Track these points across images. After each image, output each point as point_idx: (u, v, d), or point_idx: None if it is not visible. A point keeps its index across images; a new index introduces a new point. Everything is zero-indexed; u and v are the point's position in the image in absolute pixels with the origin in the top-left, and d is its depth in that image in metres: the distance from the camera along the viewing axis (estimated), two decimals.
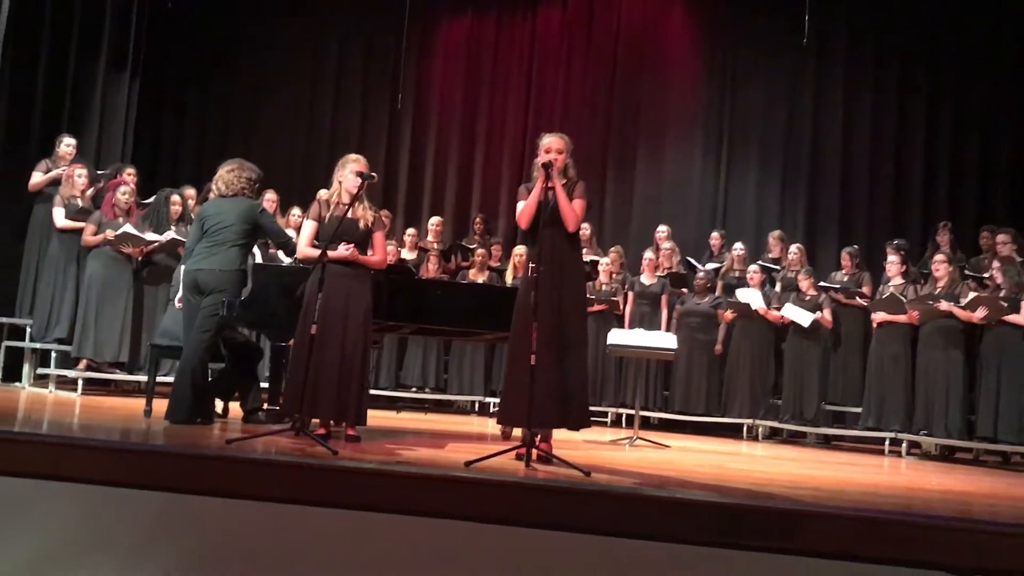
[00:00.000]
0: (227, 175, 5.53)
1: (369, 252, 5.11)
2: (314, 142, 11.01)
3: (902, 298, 7.49)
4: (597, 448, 6.11)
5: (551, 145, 4.77)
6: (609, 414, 8.66)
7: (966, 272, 7.76)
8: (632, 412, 7.43)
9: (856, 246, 8.65)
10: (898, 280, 7.80)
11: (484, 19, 11.13)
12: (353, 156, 5.21)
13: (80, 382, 7.34)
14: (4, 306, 7.87)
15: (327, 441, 4.56)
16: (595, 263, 8.87)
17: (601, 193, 10.45)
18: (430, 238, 9.39)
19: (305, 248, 5.05)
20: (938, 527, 3.36)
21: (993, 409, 6.82)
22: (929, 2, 9.76)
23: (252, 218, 5.42)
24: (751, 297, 8.21)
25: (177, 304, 5.92)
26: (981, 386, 6.98)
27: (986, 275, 7.49)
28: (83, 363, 7.48)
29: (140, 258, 7.64)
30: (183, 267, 5.54)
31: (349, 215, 5.01)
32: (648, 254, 8.86)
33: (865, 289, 8.17)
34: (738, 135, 10.34)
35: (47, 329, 7.65)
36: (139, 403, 6.04)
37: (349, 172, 5.06)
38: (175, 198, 7.73)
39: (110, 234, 7.43)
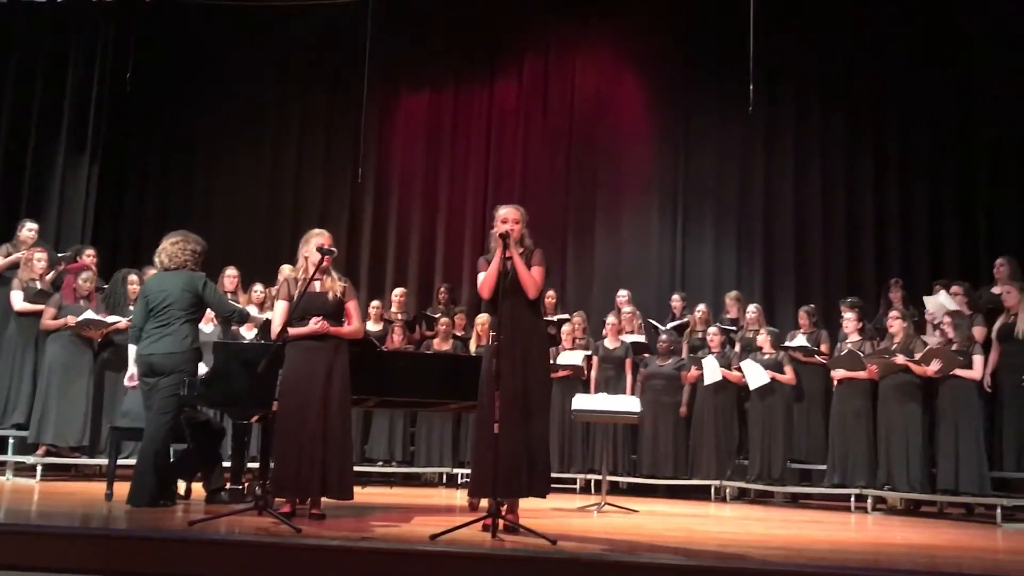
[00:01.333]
0: (171, 247, 5.50)
1: (344, 322, 5.13)
2: (276, 218, 11.06)
3: (860, 354, 7.61)
4: (565, 516, 6.08)
5: (507, 216, 4.86)
6: (578, 480, 8.63)
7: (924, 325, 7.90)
8: (600, 478, 7.42)
9: (813, 305, 8.80)
10: (855, 337, 7.91)
11: (442, 93, 11.34)
12: (316, 231, 5.26)
13: (39, 468, 7.21)
14: None
15: (291, 519, 4.52)
16: (562, 322, 8.94)
17: (562, 260, 10.58)
18: (394, 309, 9.41)
19: (278, 328, 5.05)
20: None
21: (953, 461, 6.88)
22: (872, 68, 10.11)
23: (195, 290, 5.40)
24: (709, 372, 8.29)
25: (127, 383, 5.85)
26: (939, 439, 7.06)
27: (936, 329, 7.64)
28: (42, 449, 7.36)
29: (99, 340, 7.59)
30: (133, 347, 5.46)
31: (318, 288, 5.04)
32: (610, 318, 8.93)
33: (823, 347, 8.29)
34: (693, 199, 10.55)
35: (4, 415, 7.53)
36: (100, 487, 5.95)
37: (313, 246, 5.10)
38: (132, 278, 7.71)
39: (71, 320, 7.39)
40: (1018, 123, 9.46)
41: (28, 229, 8.05)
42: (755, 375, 8.10)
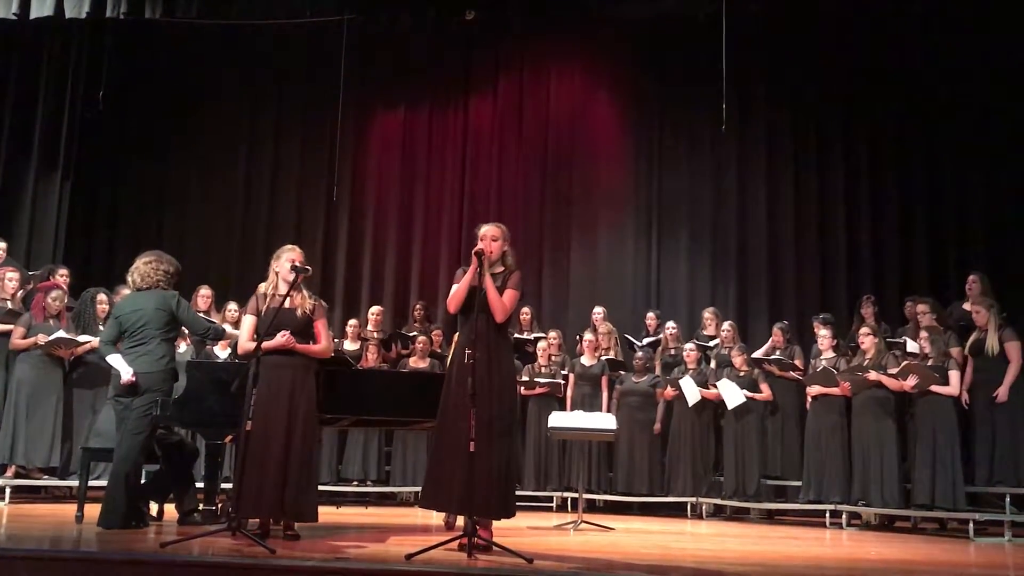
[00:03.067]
0: (144, 267, 5.46)
1: (311, 341, 5.10)
2: (250, 237, 10.99)
3: (834, 371, 7.67)
4: (542, 534, 6.07)
5: (487, 233, 4.86)
6: (554, 498, 8.61)
7: (889, 342, 7.97)
8: (576, 495, 7.41)
9: (786, 321, 8.87)
10: (829, 353, 7.97)
11: (417, 112, 11.35)
12: (289, 247, 5.22)
13: (8, 490, 7.10)
14: None
15: (265, 540, 4.48)
16: (538, 339, 8.93)
17: (538, 277, 10.60)
18: (370, 327, 9.37)
19: (245, 343, 5.01)
20: None
21: (930, 477, 6.92)
22: (841, 87, 10.25)
23: (169, 309, 5.35)
24: (690, 393, 8.32)
25: (126, 379, 5.67)
26: (916, 455, 7.11)
27: (904, 342, 7.72)
28: (11, 470, 7.25)
29: (70, 359, 7.50)
30: (115, 356, 5.33)
31: (287, 305, 5.01)
32: (587, 335, 8.95)
33: (797, 362, 8.35)
34: (667, 216, 10.61)
35: None
36: (70, 509, 5.86)
37: (285, 262, 5.07)
38: (101, 297, 7.61)
39: (41, 339, 7.30)
40: (984, 141, 9.63)
41: None
42: (732, 394, 8.12)
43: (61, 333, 7.32)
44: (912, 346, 7.67)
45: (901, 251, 9.94)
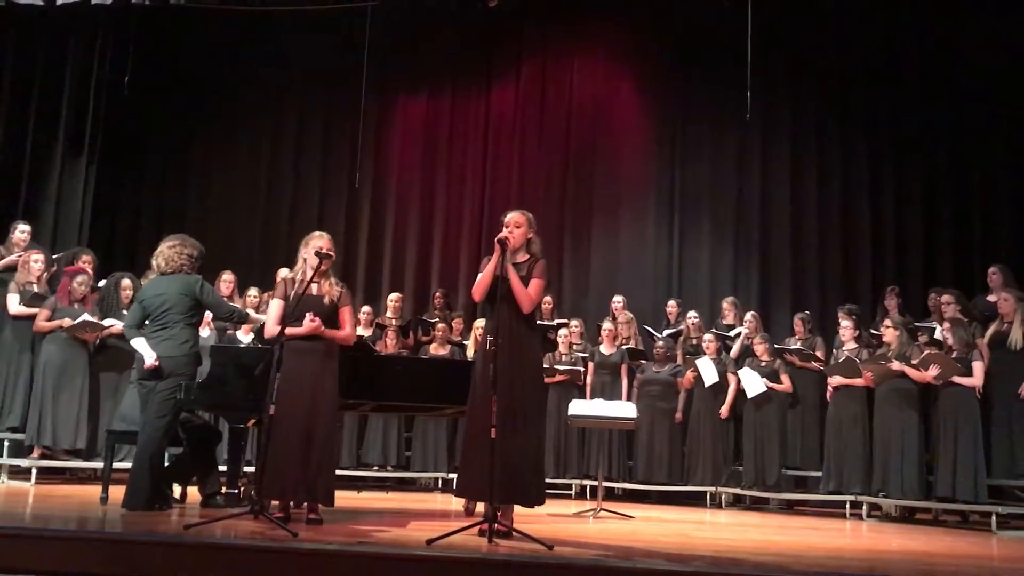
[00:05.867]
0: (168, 251, 5.48)
1: (338, 327, 5.12)
2: (272, 222, 11.06)
3: (856, 361, 7.62)
4: (561, 521, 6.08)
5: (511, 220, 4.83)
6: (573, 486, 8.63)
7: (918, 334, 7.90)
8: (596, 483, 7.42)
9: (808, 311, 8.82)
10: (852, 344, 7.92)
11: (440, 98, 11.35)
12: (317, 233, 5.24)
13: (34, 471, 7.19)
14: None
15: (287, 523, 4.51)
16: (560, 326, 8.93)
17: (558, 265, 10.58)
18: (389, 314, 9.39)
19: (273, 327, 5.02)
20: None
21: (951, 469, 6.89)
22: (866, 77, 10.15)
23: (192, 293, 5.37)
24: (707, 373, 8.31)
25: (149, 364, 5.71)
26: (938, 446, 7.06)
27: (930, 329, 7.66)
28: (37, 451, 7.34)
29: (95, 343, 7.58)
30: (139, 339, 5.36)
31: (315, 291, 5.04)
32: (606, 324, 8.94)
33: (819, 353, 8.30)
34: (689, 205, 10.55)
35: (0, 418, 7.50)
36: (95, 491, 5.93)
37: (312, 249, 5.09)
38: (125, 283, 7.66)
39: (66, 322, 7.36)
40: (1010, 132, 9.50)
41: (20, 231, 8.01)
42: (752, 383, 8.10)
43: (86, 316, 7.39)
44: (940, 333, 7.59)
45: (925, 242, 9.84)
